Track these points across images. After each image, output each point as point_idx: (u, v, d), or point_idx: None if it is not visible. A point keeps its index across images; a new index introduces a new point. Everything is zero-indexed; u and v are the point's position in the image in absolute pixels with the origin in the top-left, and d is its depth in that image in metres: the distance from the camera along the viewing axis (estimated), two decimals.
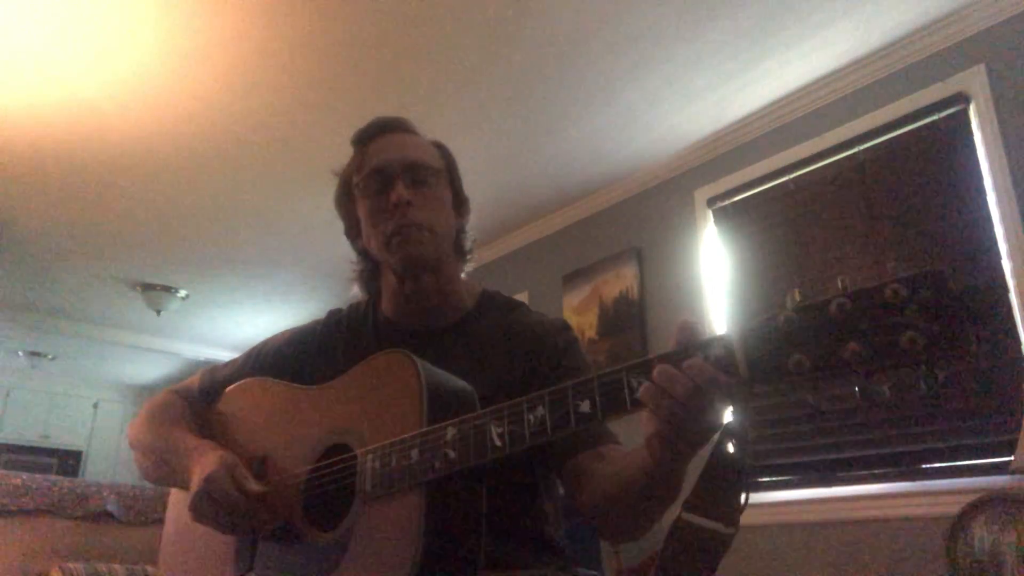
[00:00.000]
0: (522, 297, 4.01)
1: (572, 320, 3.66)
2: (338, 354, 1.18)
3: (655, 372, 0.71)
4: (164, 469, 1.17)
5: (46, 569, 2.47)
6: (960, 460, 2.27)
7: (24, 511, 2.56)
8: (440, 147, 1.23)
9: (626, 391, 0.74)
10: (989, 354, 2.23)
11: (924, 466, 2.35)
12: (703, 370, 0.69)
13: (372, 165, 1.14)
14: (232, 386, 1.25)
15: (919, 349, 0.60)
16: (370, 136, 1.19)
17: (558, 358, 1.11)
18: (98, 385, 7.74)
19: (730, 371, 0.69)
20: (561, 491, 1.11)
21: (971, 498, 1.99)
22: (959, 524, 1.97)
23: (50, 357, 6.82)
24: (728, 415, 0.73)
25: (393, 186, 1.11)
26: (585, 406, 0.77)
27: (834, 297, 0.65)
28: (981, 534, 1.91)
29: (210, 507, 0.99)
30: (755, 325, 0.69)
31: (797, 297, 0.67)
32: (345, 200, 1.22)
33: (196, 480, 1.01)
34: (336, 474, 0.99)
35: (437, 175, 1.16)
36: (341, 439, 1.02)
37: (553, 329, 1.16)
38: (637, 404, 0.74)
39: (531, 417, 0.80)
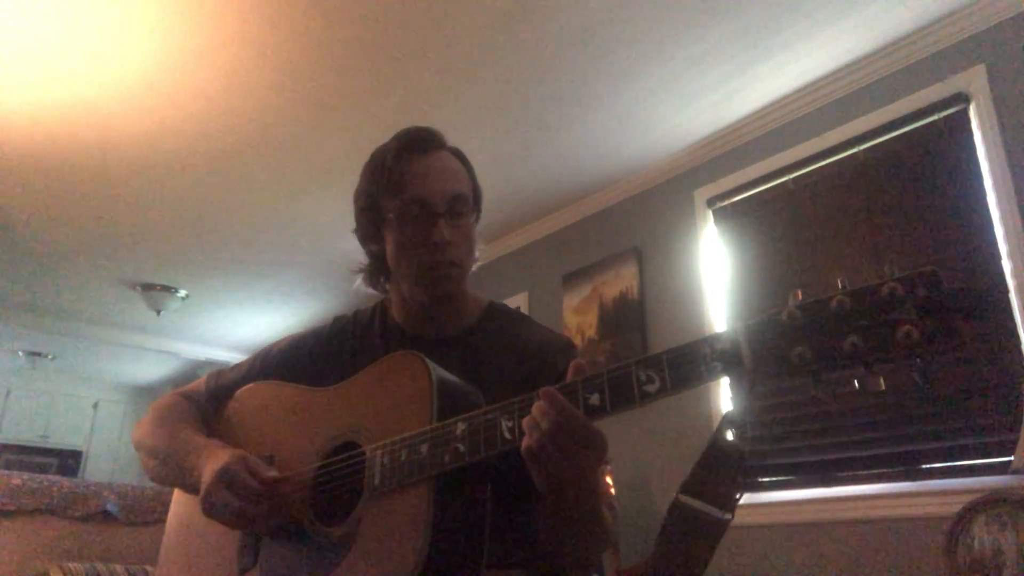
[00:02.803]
0: (522, 297, 4.02)
1: (572, 320, 3.66)
2: (345, 358, 1.19)
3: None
4: (169, 468, 1.17)
5: (46, 569, 2.47)
6: (960, 460, 2.27)
7: (24, 511, 2.56)
8: (464, 162, 1.21)
9: (635, 385, 0.77)
10: (984, 350, 2.24)
11: (924, 466, 2.35)
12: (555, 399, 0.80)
13: (415, 193, 1.11)
14: (241, 389, 1.25)
15: (915, 342, 0.64)
16: (412, 150, 1.15)
17: (557, 377, 1.12)
18: (98, 385, 7.74)
19: (736, 362, 0.72)
20: None
21: (971, 498, 1.99)
22: (959, 524, 1.97)
23: (50, 357, 6.82)
24: (729, 404, 0.76)
25: (435, 222, 1.09)
26: (595, 399, 0.80)
27: (835, 295, 0.68)
28: (981, 534, 1.91)
29: (224, 498, 0.99)
30: (759, 320, 0.72)
31: (799, 296, 0.71)
32: (369, 208, 1.17)
33: (208, 474, 1.01)
34: (345, 470, 1.00)
35: (470, 205, 1.16)
36: (350, 437, 1.02)
37: (556, 347, 1.17)
38: (646, 397, 0.77)
39: None
